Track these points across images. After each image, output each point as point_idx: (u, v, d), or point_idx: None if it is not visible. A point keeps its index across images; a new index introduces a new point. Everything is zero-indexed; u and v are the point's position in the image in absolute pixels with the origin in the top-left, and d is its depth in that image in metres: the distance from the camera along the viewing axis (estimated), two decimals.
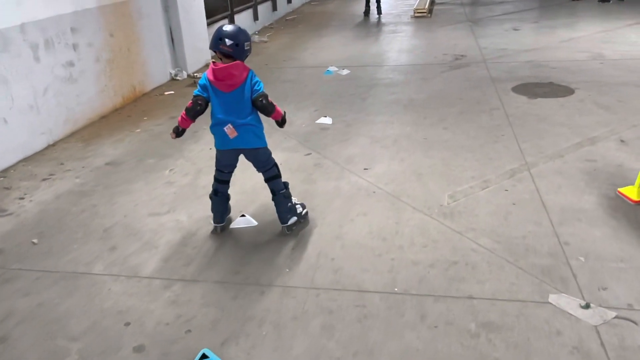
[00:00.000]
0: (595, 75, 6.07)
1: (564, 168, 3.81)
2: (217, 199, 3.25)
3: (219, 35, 2.79)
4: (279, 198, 3.17)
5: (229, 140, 2.98)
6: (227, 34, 2.78)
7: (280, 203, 3.17)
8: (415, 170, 3.98)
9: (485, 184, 3.66)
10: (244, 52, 2.84)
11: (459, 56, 7.50)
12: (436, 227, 3.18)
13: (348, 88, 6.31)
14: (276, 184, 3.17)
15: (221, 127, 2.96)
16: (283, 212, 3.18)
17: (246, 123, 2.92)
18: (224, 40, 2.77)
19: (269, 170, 3.15)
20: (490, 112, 5.11)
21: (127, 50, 6.16)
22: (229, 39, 2.77)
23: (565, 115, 4.89)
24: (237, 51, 2.80)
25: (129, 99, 6.24)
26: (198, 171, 4.23)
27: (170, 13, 7.07)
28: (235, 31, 2.81)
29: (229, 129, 2.92)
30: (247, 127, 2.94)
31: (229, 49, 2.79)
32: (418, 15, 11.15)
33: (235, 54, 2.81)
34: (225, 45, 2.78)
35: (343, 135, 4.81)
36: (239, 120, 2.91)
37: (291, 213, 3.22)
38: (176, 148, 4.74)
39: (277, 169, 3.17)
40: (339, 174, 4.03)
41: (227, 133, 2.94)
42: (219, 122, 2.96)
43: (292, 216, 3.23)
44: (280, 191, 3.16)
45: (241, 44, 2.80)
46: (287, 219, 3.21)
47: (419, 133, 4.73)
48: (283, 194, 3.16)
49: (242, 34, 2.82)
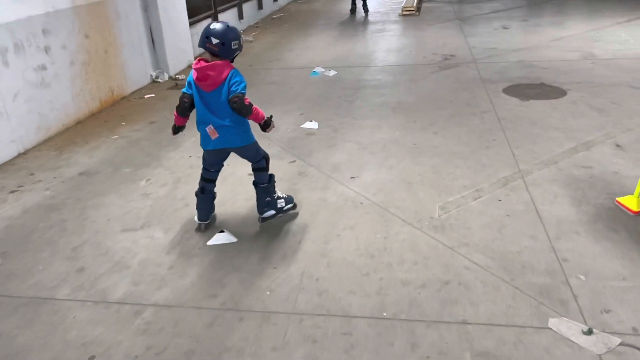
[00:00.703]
0: (587, 76, 5.94)
1: (559, 176, 3.65)
2: (203, 197, 3.25)
3: (206, 33, 2.76)
4: (258, 190, 3.23)
5: (211, 141, 2.95)
6: (213, 32, 2.74)
7: (259, 195, 3.24)
8: (404, 179, 3.79)
9: (477, 194, 3.49)
10: (231, 51, 2.80)
11: (449, 56, 7.33)
12: (427, 241, 3.00)
13: (335, 90, 6.12)
14: (261, 176, 3.20)
15: (203, 126, 2.95)
16: (260, 204, 3.26)
17: (225, 124, 2.89)
18: (210, 39, 2.75)
19: (257, 162, 3.19)
20: (482, 116, 4.95)
21: (104, 52, 5.90)
22: (215, 38, 2.74)
23: (558, 118, 4.74)
24: (223, 50, 2.77)
25: (107, 103, 5.99)
26: (176, 181, 4.01)
27: (150, 12, 6.82)
28: (222, 29, 2.76)
29: (209, 129, 2.91)
30: (227, 128, 2.91)
31: (215, 48, 2.76)
32: (406, 13, 10.97)
33: (222, 53, 2.78)
34: (211, 44, 2.75)
35: (329, 141, 4.62)
36: (219, 121, 2.88)
37: (269, 206, 3.27)
38: (154, 156, 4.52)
39: (265, 162, 3.19)
40: (324, 183, 3.83)
41: (209, 134, 2.92)
42: (201, 121, 2.95)
43: (269, 209, 3.27)
44: (262, 184, 3.21)
45: (228, 42, 2.76)
46: (263, 211, 3.27)
47: (408, 138, 4.55)
48: (263, 188, 3.21)
49: (230, 32, 2.78)
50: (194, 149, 4.60)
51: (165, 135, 5.01)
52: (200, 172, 3.25)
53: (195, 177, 4.04)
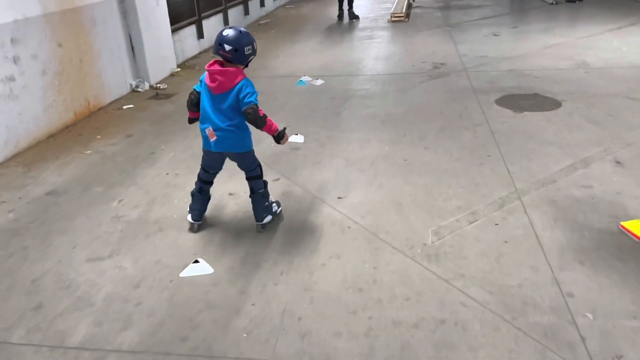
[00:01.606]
0: (582, 86, 5.77)
1: (558, 196, 3.44)
2: (199, 197, 3.27)
3: (219, 40, 2.81)
4: (257, 197, 3.22)
5: (210, 142, 2.99)
6: (226, 39, 2.79)
7: (257, 202, 3.23)
8: (394, 200, 3.56)
9: (472, 217, 3.27)
10: (245, 56, 2.85)
11: (439, 64, 7.14)
12: (420, 273, 2.77)
13: (322, 100, 5.88)
14: (256, 183, 3.21)
15: (205, 126, 2.97)
16: (259, 210, 3.24)
17: (226, 128, 2.91)
18: (223, 46, 2.79)
19: (251, 170, 3.19)
20: (474, 129, 4.74)
21: (79, 61, 5.61)
22: (228, 45, 2.78)
23: (554, 131, 4.54)
24: (236, 56, 2.82)
25: (82, 114, 5.69)
26: (151, 202, 3.74)
27: (130, 19, 6.53)
28: (235, 36, 2.80)
29: (209, 131, 2.94)
30: (227, 133, 2.93)
31: (228, 55, 2.81)
32: (395, 19, 10.79)
33: (235, 59, 2.83)
34: (224, 51, 2.80)
35: (315, 157, 4.37)
36: (219, 124, 2.91)
37: (267, 212, 3.27)
38: (128, 173, 4.24)
39: (259, 170, 3.21)
40: (309, 204, 3.59)
41: (207, 135, 2.96)
42: (203, 119, 2.99)
43: (267, 215, 3.27)
44: (259, 190, 3.21)
45: (241, 48, 2.80)
46: (262, 217, 3.25)
47: (398, 153, 4.32)
48: (261, 194, 3.22)
49: (242, 38, 2.82)
50: (172, 166, 4.33)
51: (143, 149, 4.74)
52: (198, 172, 3.25)
53: (171, 197, 3.79)
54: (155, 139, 5.00)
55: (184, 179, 4.07)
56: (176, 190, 3.90)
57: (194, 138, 4.94)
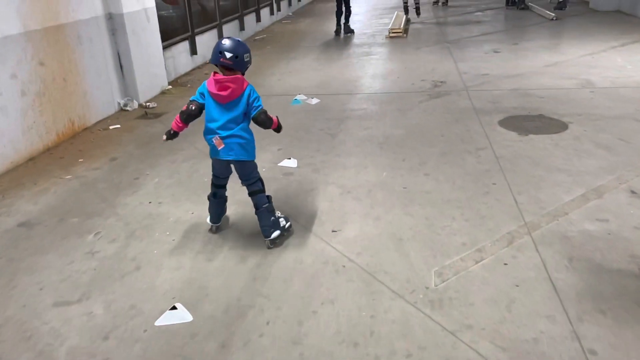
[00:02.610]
0: (588, 107, 5.53)
1: (572, 232, 3.17)
2: (215, 201, 3.32)
3: (219, 49, 2.87)
4: (262, 212, 3.19)
5: (217, 151, 3.03)
6: (226, 47, 2.87)
7: (263, 217, 3.19)
8: (393, 234, 3.28)
9: (479, 255, 2.99)
10: (244, 63, 2.94)
11: (438, 83, 6.91)
12: (422, 323, 2.48)
13: (317, 121, 5.63)
14: (259, 198, 3.20)
15: (211, 136, 3.01)
16: (266, 226, 3.20)
17: (234, 135, 2.98)
18: (224, 54, 2.86)
19: (252, 184, 3.19)
20: (477, 153, 4.48)
21: (63, 80, 5.36)
22: (228, 52, 2.86)
23: (562, 157, 4.28)
24: (237, 63, 2.89)
25: (66, 135, 5.43)
26: (129, 235, 3.45)
27: (118, 36, 6.30)
28: (234, 44, 2.90)
29: (216, 140, 2.99)
30: (234, 139, 2.99)
31: (229, 62, 2.87)
32: (393, 35, 10.60)
33: (236, 66, 2.90)
34: (225, 59, 2.87)
35: (309, 184, 4.10)
36: (227, 132, 2.97)
37: (274, 227, 3.21)
38: (109, 202, 3.96)
39: (261, 184, 3.21)
40: (301, 238, 3.31)
41: (215, 144, 3.00)
42: (209, 131, 3.02)
43: (275, 230, 3.21)
44: (263, 205, 3.19)
45: (240, 55, 2.89)
46: (270, 233, 3.20)
47: (397, 181, 4.06)
48: (266, 208, 3.19)
49: (241, 46, 2.92)
50: (156, 193, 4.06)
51: (126, 174, 4.46)
52: (211, 179, 3.30)
53: (152, 230, 3.51)
54: (141, 162, 4.72)
55: (167, 208, 3.79)
56: (158, 221, 3.62)
57: (182, 162, 4.68)
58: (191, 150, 4.93)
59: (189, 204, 3.86)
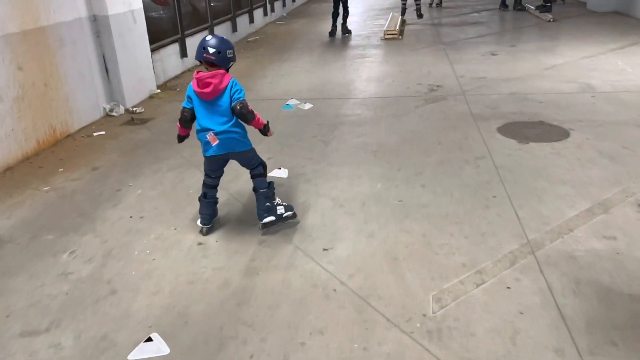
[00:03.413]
0: (589, 112, 5.34)
1: (578, 251, 2.97)
2: (205, 202, 3.35)
3: (202, 45, 2.96)
4: (259, 196, 3.30)
5: (212, 147, 3.08)
6: (209, 43, 2.95)
7: (259, 200, 3.30)
8: (388, 253, 3.08)
9: (480, 278, 2.79)
10: (228, 59, 3.01)
11: (435, 87, 6.71)
12: (419, 357, 2.28)
13: (309, 127, 5.42)
14: (259, 182, 3.29)
15: (204, 134, 3.07)
16: (260, 209, 3.32)
17: (226, 130, 3.03)
18: (207, 49, 2.94)
19: (254, 168, 3.29)
20: (476, 163, 4.28)
21: (44, 85, 5.13)
22: (211, 48, 2.94)
23: (565, 167, 4.09)
24: (220, 59, 2.96)
25: (47, 143, 5.19)
26: (107, 254, 3.23)
27: (103, 39, 6.07)
28: (217, 40, 2.99)
29: (210, 137, 3.04)
30: (228, 134, 3.05)
31: (212, 57, 2.94)
32: (389, 37, 10.40)
33: (219, 62, 2.97)
34: (208, 54, 2.94)
35: (300, 195, 3.90)
36: (220, 127, 3.03)
37: (269, 212, 3.31)
38: (87, 216, 3.74)
39: (262, 168, 3.31)
40: (290, 257, 3.10)
41: (209, 140, 3.05)
42: (201, 129, 3.08)
43: (268, 216, 3.31)
44: (261, 189, 3.29)
45: (224, 52, 2.96)
46: (262, 217, 3.32)
47: (392, 192, 3.85)
48: (263, 194, 3.28)
49: (224, 43, 3.00)
50: (138, 206, 3.84)
51: (107, 185, 4.24)
52: (203, 179, 3.34)
53: (131, 248, 3.29)
54: (124, 172, 4.50)
55: (148, 224, 3.57)
56: (138, 238, 3.41)
57: (167, 172, 4.46)
58: (176, 159, 4.71)
59: (172, 219, 3.64)
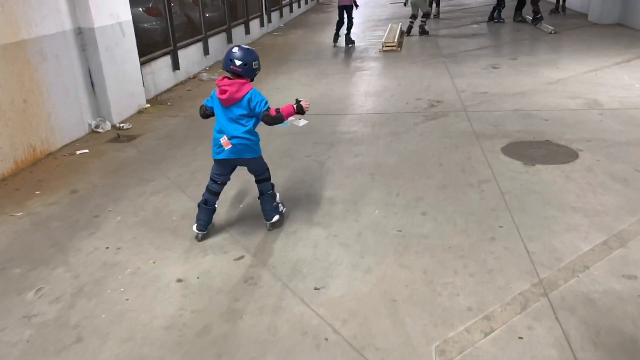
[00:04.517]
0: (597, 131, 5.09)
1: (596, 292, 2.69)
2: (205, 209, 3.40)
3: (229, 56, 3.10)
4: (266, 198, 3.46)
5: (224, 151, 3.19)
6: (236, 55, 3.09)
7: (266, 202, 3.47)
8: (386, 293, 2.79)
9: (488, 325, 2.50)
10: (253, 70, 3.15)
11: (435, 102, 6.46)
12: None
13: (304, 146, 5.15)
14: (265, 186, 3.46)
15: (219, 136, 3.19)
16: (268, 210, 3.48)
17: (239, 136, 3.16)
18: (233, 62, 3.08)
19: (261, 174, 3.44)
20: (480, 187, 4.01)
21: (23, 101, 4.86)
22: (238, 60, 3.08)
23: (575, 193, 3.82)
24: (245, 70, 3.11)
25: (26, 162, 4.91)
26: (77, 291, 2.94)
27: (89, 52, 5.81)
28: (244, 52, 3.12)
29: (224, 140, 3.17)
30: (240, 140, 3.17)
31: (238, 69, 3.09)
32: (387, 49, 10.18)
33: (244, 73, 3.13)
34: (235, 66, 3.08)
35: (291, 225, 3.61)
36: (234, 133, 3.16)
37: (275, 212, 3.51)
38: (60, 246, 3.45)
39: (268, 173, 3.46)
40: (278, 298, 2.81)
41: (222, 144, 3.17)
42: (219, 130, 3.21)
43: (275, 214, 3.51)
44: (267, 192, 3.46)
45: (249, 63, 3.10)
46: (271, 217, 3.49)
47: (391, 221, 3.58)
48: (270, 195, 3.47)
49: (250, 55, 3.13)
50: (115, 236, 3.56)
51: (86, 211, 3.96)
52: (207, 185, 3.40)
53: (104, 285, 3.02)
54: (105, 196, 4.22)
55: (125, 256, 3.29)
56: (113, 273, 3.12)
57: (150, 195, 4.19)
58: (162, 181, 4.43)
59: (152, 250, 3.36)
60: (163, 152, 5.21)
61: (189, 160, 4.92)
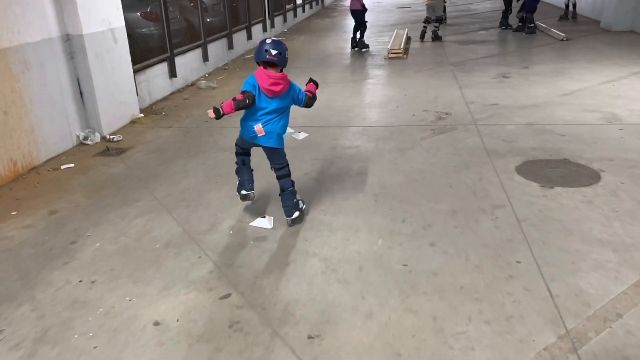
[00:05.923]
0: (619, 149, 4.71)
1: (632, 347, 2.33)
2: (245, 169, 3.67)
3: (264, 48, 3.23)
4: (286, 194, 3.54)
5: (255, 136, 3.36)
6: (271, 46, 3.22)
7: (287, 199, 3.54)
8: (390, 345, 2.44)
9: None
10: (285, 59, 3.28)
11: (443, 114, 6.10)
12: None
13: (302, 163, 4.80)
14: (286, 182, 3.55)
15: (253, 123, 3.35)
16: (289, 206, 3.55)
17: (275, 126, 3.36)
18: (269, 51, 3.21)
19: (282, 168, 3.53)
20: (494, 213, 3.65)
21: (3, 114, 4.55)
22: (273, 50, 3.21)
23: (600, 222, 3.45)
24: (280, 59, 3.24)
25: (6, 178, 4.60)
26: (40, 337, 2.60)
27: (77, 60, 5.50)
28: (277, 42, 3.28)
29: (258, 128, 3.32)
30: (275, 129, 3.37)
31: (274, 58, 3.22)
32: (392, 56, 9.83)
33: (279, 62, 3.25)
34: (271, 55, 3.20)
35: (285, 255, 3.27)
36: (270, 122, 3.34)
37: (295, 208, 3.57)
38: (28, 279, 3.12)
39: (288, 169, 3.55)
40: (266, 348, 2.46)
41: (256, 131, 3.33)
42: (254, 118, 3.34)
43: (295, 210, 3.57)
44: (288, 188, 3.54)
45: (283, 52, 3.24)
46: (292, 213, 3.56)
47: (396, 253, 3.22)
48: (291, 191, 3.55)
49: (281, 45, 3.27)
50: (91, 267, 3.22)
51: (62, 236, 3.64)
52: (235, 150, 3.65)
53: (71, 329, 2.69)
54: (85, 218, 3.89)
55: (99, 292, 2.95)
56: (83, 313, 2.78)
57: (134, 218, 3.85)
58: (148, 201, 4.10)
59: (129, 285, 3.02)
60: (152, 167, 4.88)
61: (179, 177, 4.58)
